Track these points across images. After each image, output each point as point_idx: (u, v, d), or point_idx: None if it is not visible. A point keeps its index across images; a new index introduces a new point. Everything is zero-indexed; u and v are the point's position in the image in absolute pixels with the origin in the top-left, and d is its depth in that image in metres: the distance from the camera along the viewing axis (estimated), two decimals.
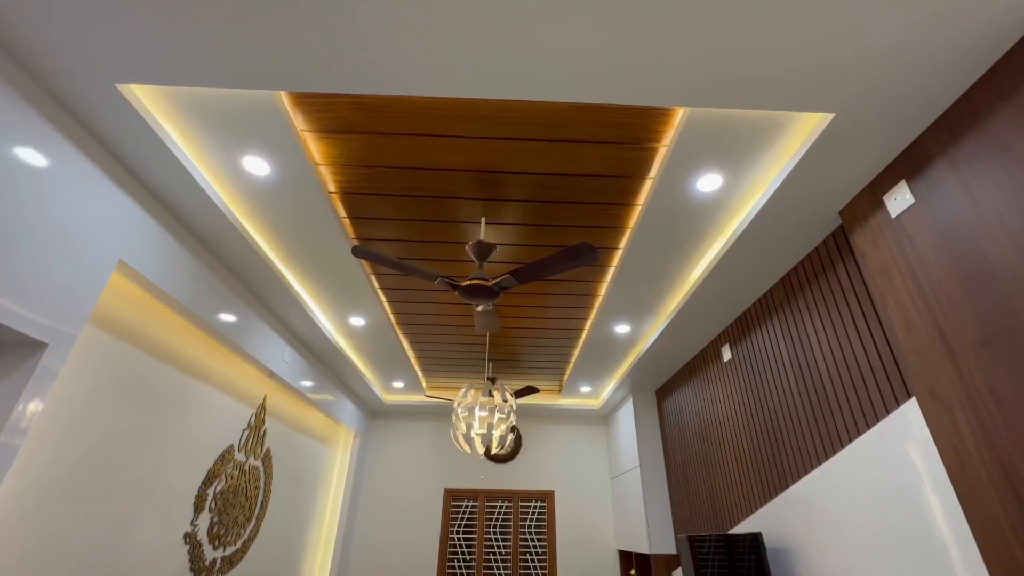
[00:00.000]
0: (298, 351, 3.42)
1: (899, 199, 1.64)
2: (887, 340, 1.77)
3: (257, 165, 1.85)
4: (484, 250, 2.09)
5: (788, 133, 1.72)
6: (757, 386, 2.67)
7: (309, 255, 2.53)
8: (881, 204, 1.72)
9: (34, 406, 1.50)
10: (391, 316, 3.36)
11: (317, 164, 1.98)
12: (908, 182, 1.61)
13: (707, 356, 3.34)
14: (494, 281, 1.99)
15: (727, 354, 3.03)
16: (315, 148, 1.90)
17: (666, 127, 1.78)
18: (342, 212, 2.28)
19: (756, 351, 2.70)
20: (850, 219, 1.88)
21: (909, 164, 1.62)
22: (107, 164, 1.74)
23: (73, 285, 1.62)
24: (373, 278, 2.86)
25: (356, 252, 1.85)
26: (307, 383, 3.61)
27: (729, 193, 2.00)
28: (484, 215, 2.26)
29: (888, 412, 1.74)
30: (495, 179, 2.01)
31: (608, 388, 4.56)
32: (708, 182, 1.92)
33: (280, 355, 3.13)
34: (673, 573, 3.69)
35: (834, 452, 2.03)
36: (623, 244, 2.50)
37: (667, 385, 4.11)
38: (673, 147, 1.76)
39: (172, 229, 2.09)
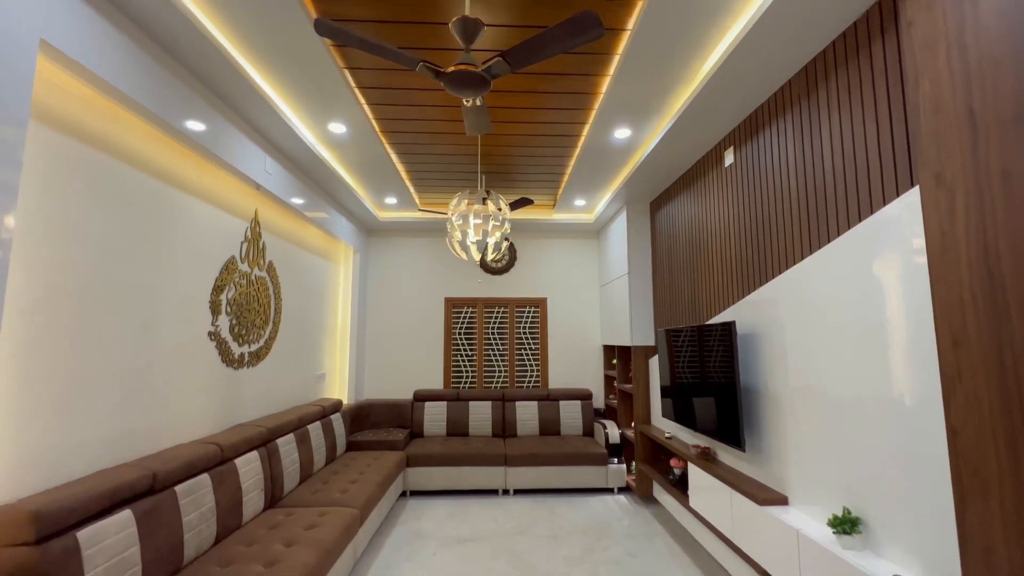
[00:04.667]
0: (280, 163, 3.26)
1: None
2: (906, 127, 1.66)
3: None
4: (470, 28, 1.79)
5: None
6: (755, 188, 2.63)
7: (270, 43, 2.19)
8: None
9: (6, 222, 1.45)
10: (374, 123, 3.11)
11: None
12: None
13: (707, 162, 3.22)
14: (483, 66, 1.75)
15: (729, 158, 2.91)
16: None
17: None
18: None
19: (760, 152, 2.58)
20: None
21: None
22: None
23: None
24: (348, 75, 2.55)
25: (320, 28, 1.57)
26: (298, 200, 3.54)
27: None
28: None
29: (885, 204, 1.73)
30: None
31: (603, 201, 4.54)
32: None
33: (261, 166, 2.98)
34: (650, 360, 4.21)
35: (819, 247, 2.09)
36: (631, 25, 2.16)
37: (662, 196, 4.08)
38: None
39: (112, 17, 1.75)
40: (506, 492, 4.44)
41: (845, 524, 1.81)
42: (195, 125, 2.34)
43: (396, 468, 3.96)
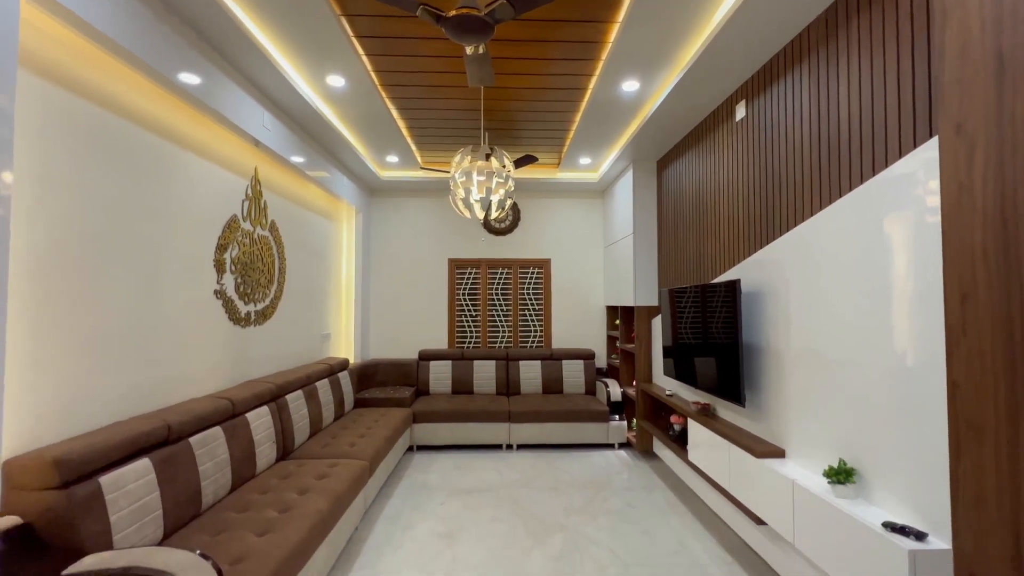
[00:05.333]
0: (279, 119, 3.18)
1: None
2: (928, 74, 1.58)
3: None
4: None
5: None
6: (766, 144, 2.56)
7: None
8: None
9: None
10: (373, 75, 3.00)
11: None
12: None
13: (718, 117, 3.12)
14: (486, 10, 1.67)
15: (740, 112, 2.82)
16: None
17: None
18: None
19: (774, 105, 2.49)
20: None
21: None
22: None
23: None
24: (345, 22, 2.44)
25: None
26: (298, 158, 3.47)
27: None
28: None
29: (901, 156, 1.68)
30: None
31: (608, 159, 4.44)
32: None
33: (260, 121, 2.91)
34: (653, 320, 4.24)
35: (829, 203, 2.05)
36: None
37: (670, 154, 3.98)
38: None
39: None
40: (510, 447, 4.58)
41: (840, 474, 1.86)
42: (189, 77, 2.26)
43: (403, 424, 4.07)
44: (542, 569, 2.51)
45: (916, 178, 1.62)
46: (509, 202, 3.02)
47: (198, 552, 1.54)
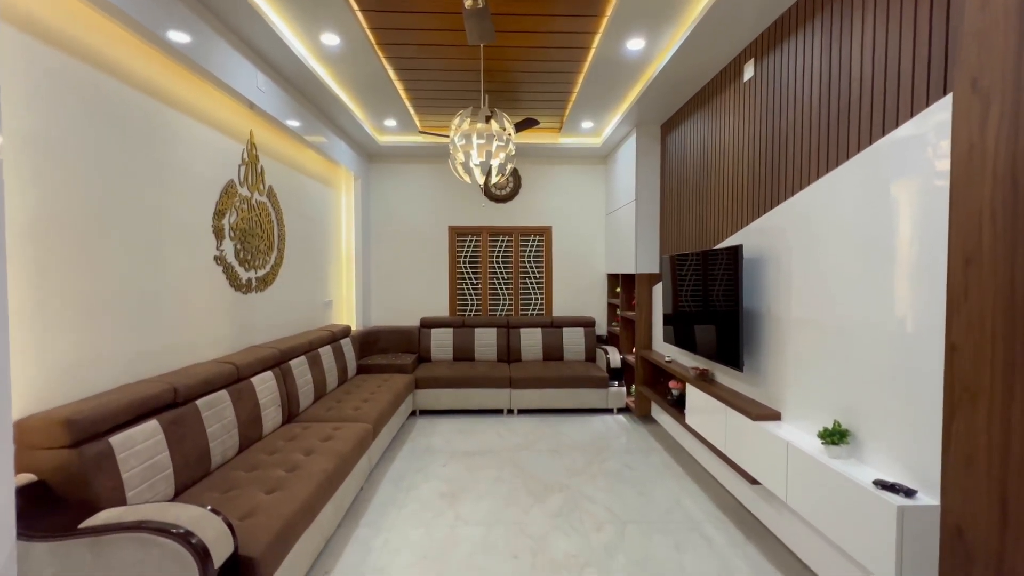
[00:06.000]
0: (274, 81, 3.09)
1: None
2: (947, 27, 1.52)
3: None
4: None
5: None
6: (774, 105, 2.49)
7: None
8: None
9: None
10: (369, 33, 2.90)
11: None
12: None
13: (725, 77, 3.02)
14: None
15: (749, 72, 2.72)
16: None
17: None
18: None
19: (783, 64, 2.41)
20: None
21: None
22: None
23: None
24: None
25: None
26: (294, 122, 3.39)
27: None
28: None
29: (913, 116, 1.63)
30: None
31: (611, 124, 4.33)
32: None
33: (253, 83, 2.83)
34: (654, 288, 4.24)
35: (836, 165, 2.01)
36: None
37: (674, 117, 3.88)
38: None
39: None
40: (511, 412, 4.67)
41: (834, 435, 1.89)
42: (179, 36, 2.19)
43: (405, 389, 4.14)
44: (542, 525, 2.60)
45: (926, 140, 1.57)
46: (510, 167, 2.97)
47: (209, 508, 1.59)
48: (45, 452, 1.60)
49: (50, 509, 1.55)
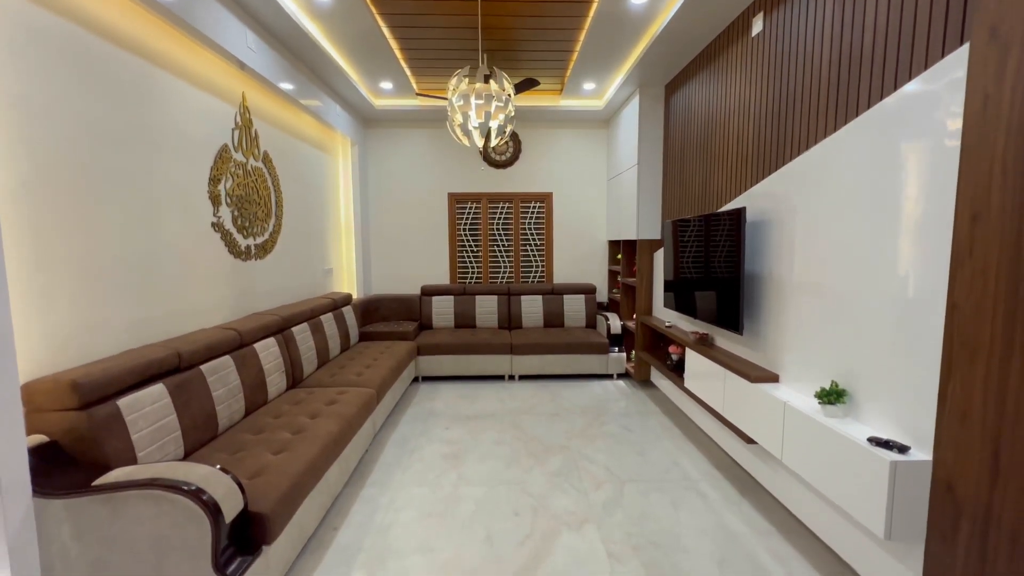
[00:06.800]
0: (264, 40, 2.98)
1: None
2: None
3: None
4: None
5: None
6: (782, 60, 2.40)
7: None
8: None
9: None
10: None
11: None
12: None
13: (732, 33, 2.91)
14: None
15: (757, 27, 2.62)
16: None
17: None
18: None
19: (794, 15, 2.31)
20: None
21: None
22: None
23: None
24: None
25: None
26: (287, 84, 3.30)
27: None
28: None
29: (926, 69, 1.58)
30: None
31: (614, 84, 4.20)
32: None
33: (243, 41, 2.73)
34: (655, 254, 4.21)
35: (845, 123, 1.95)
36: None
37: (679, 77, 3.76)
38: None
39: None
40: (512, 378, 4.73)
41: (831, 395, 1.92)
42: None
43: (408, 356, 4.19)
44: (542, 485, 2.67)
45: (938, 96, 1.52)
46: (509, 128, 2.90)
47: (218, 467, 1.63)
48: (55, 414, 1.63)
49: (63, 469, 1.59)
